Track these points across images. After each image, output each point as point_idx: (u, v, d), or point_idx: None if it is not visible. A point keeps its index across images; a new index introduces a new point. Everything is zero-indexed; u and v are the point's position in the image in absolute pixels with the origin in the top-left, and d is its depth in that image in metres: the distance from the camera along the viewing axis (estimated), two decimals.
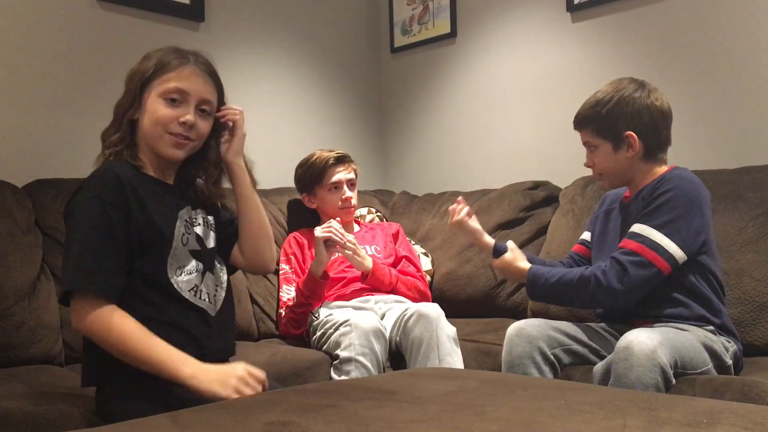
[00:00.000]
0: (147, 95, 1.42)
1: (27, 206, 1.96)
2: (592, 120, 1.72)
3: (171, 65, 1.42)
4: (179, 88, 1.41)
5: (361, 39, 3.33)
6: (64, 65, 2.30)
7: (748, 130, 2.24)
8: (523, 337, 1.65)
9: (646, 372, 1.38)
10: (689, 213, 1.60)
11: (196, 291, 1.41)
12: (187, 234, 1.43)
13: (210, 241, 1.51)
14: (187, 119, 1.41)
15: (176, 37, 2.59)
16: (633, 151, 1.69)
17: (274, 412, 0.99)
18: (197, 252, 1.44)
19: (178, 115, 1.41)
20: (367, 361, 1.81)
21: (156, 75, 1.42)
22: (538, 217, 2.51)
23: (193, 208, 1.49)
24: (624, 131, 1.68)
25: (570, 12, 2.67)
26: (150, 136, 1.42)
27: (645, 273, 1.58)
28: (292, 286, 2.21)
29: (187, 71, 1.43)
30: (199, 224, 1.49)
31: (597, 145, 1.73)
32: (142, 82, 1.42)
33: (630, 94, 1.68)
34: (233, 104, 1.57)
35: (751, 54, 2.23)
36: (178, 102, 1.41)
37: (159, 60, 1.43)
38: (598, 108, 1.70)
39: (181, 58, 1.44)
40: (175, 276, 1.38)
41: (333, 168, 2.33)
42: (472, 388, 1.13)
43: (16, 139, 2.19)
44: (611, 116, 1.69)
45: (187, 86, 1.42)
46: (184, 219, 1.44)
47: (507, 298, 2.41)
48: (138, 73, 1.43)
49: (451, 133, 3.11)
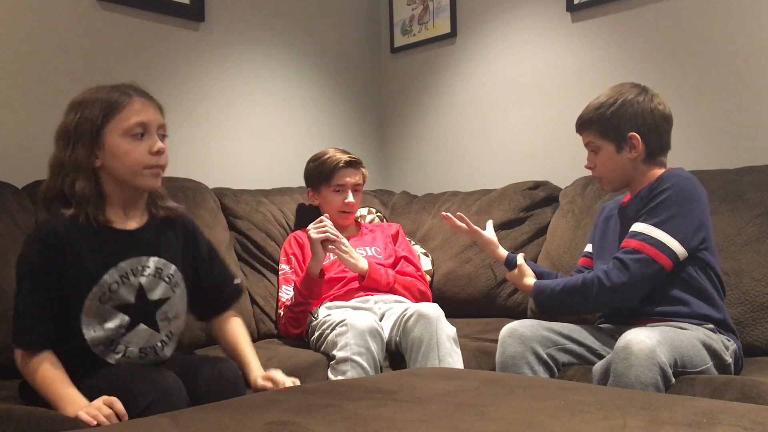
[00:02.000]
0: (104, 140, 1.42)
1: (27, 207, 1.95)
2: (596, 121, 1.74)
3: (120, 103, 1.43)
4: (140, 122, 1.43)
5: (361, 39, 3.33)
6: (65, 65, 2.29)
7: (748, 130, 2.24)
8: (515, 338, 1.65)
9: (645, 371, 1.38)
10: (688, 209, 1.62)
11: (112, 345, 1.43)
12: (119, 284, 1.43)
13: (156, 293, 1.48)
14: (160, 147, 1.44)
15: (176, 37, 2.59)
16: (636, 153, 1.71)
17: (274, 411, 0.99)
18: (126, 306, 1.44)
19: (149, 147, 1.43)
20: (363, 361, 1.81)
21: (108, 117, 1.42)
22: (538, 217, 2.51)
23: (148, 256, 1.48)
24: (627, 132, 1.70)
25: (570, 12, 2.67)
26: (127, 175, 1.44)
27: (647, 270, 1.59)
28: (292, 286, 2.21)
29: (137, 104, 1.44)
30: (148, 274, 1.47)
31: (600, 147, 1.75)
32: (95, 129, 1.42)
33: (633, 98, 1.72)
34: (233, 103, 1.58)
35: (752, 54, 2.23)
36: (142, 135, 1.43)
37: (103, 102, 1.43)
38: (602, 110, 1.73)
39: (123, 94, 1.45)
40: (90, 329, 1.41)
41: (343, 170, 2.33)
42: (472, 388, 1.13)
43: (16, 140, 2.19)
44: (615, 118, 1.71)
45: (146, 117, 1.44)
46: (123, 270, 1.44)
47: (507, 298, 2.41)
48: (86, 122, 1.42)
49: (451, 133, 3.11)
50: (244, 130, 2.82)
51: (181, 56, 2.61)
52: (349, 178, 2.34)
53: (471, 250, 2.51)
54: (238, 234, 2.42)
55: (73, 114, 1.44)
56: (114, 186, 1.46)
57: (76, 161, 1.42)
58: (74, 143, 1.42)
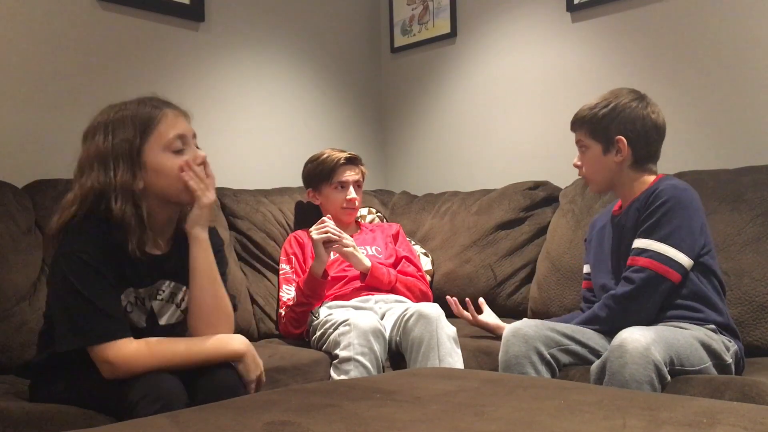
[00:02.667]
0: (145, 159, 1.37)
1: (27, 207, 1.95)
2: (588, 121, 1.77)
3: (153, 118, 1.38)
4: (179, 135, 1.39)
5: (361, 39, 3.33)
6: (64, 65, 2.30)
7: (748, 130, 2.24)
8: (519, 337, 1.65)
9: (639, 369, 1.39)
10: (689, 218, 1.63)
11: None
12: (134, 308, 1.40)
13: (166, 317, 1.46)
14: (202, 155, 1.41)
15: (176, 37, 2.59)
16: (621, 157, 1.73)
17: (274, 411, 0.99)
18: (135, 329, 1.38)
19: (192, 159, 1.39)
20: (366, 361, 1.81)
21: (145, 135, 1.37)
22: (538, 217, 2.51)
23: (164, 280, 1.45)
24: (615, 135, 1.73)
25: (570, 12, 2.67)
26: (175, 192, 1.39)
27: (658, 287, 1.61)
28: (292, 286, 2.21)
29: (170, 116, 1.40)
30: (161, 299, 1.45)
31: (588, 146, 1.78)
32: (134, 150, 1.35)
33: (627, 102, 1.74)
34: (233, 104, 1.56)
35: (751, 54, 2.23)
36: (183, 147, 1.39)
37: (135, 120, 1.37)
38: (594, 110, 1.76)
39: (153, 107, 1.40)
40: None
41: (343, 168, 2.35)
42: (472, 388, 1.13)
43: (16, 139, 2.19)
44: (606, 120, 1.74)
45: (182, 129, 1.40)
46: (141, 295, 1.41)
47: (507, 298, 2.41)
48: (122, 144, 1.35)
49: (451, 133, 3.11)
50: (244, 130, 2.82)
51: (181, 56, 2.61)
52: (350, 175, 2.36)
53: (471, 250, 2.51)
54: (238, 234, 2.42)
55: (103, 136, 1.37)
56: (156, 207, 1.40)
57: (119, 185, 1.34)
58: (114, 167, 1.35)
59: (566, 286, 2.20)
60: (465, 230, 2.57)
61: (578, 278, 2.05)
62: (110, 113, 1.40)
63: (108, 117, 1.39)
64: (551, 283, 2.25)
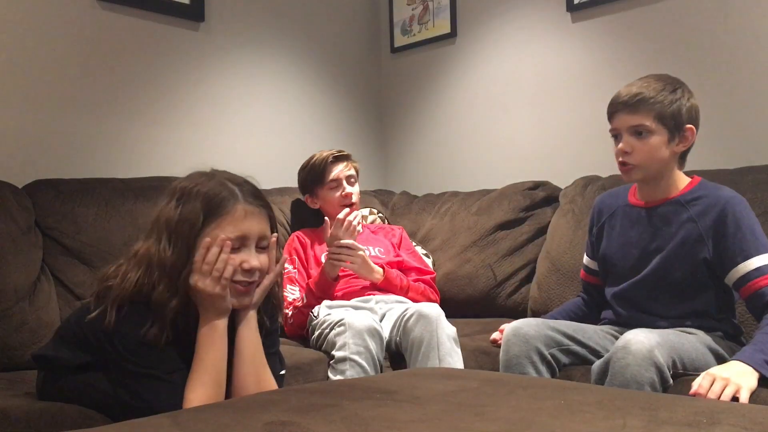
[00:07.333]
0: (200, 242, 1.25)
1: (27, 207, 1.95)
2: (659, 102, 1.58)
3: (223, 207, 1.25)
4: (239, 236, 1.26)
5: (361, 39, 3.33)
6: (64, 65, 2.30)
7: (749, 130, 2.24)
8: (519, 337, 1.65)
9: (641, 370, 1.38)
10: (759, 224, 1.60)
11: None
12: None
13: None
14: (253, 266, 1.27)
15: (176, 37, 2.59)
16: (683, 147, 1.63)
17: (274, 411, 0.99)
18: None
19: (241, 261, 1.27)
20: (362, 360, 1.81)
21: (208, 219, 1.25)
22: (538, 217, 2.51)
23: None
24: (686, 123, 1.61)
25: (570, 12, 2.67)
26: (209, 291, 1.24)
27: None
28: (297, 285, 2.21)
29: (240, 211, 1.26)
30: None
31: (652, 132, 1.59)
32: (194, 232, 1.24)
33: (688, 90, 1.63)
34: (233, 103, 1.53)
35: (752, 54, 2.23)
36: (238, 248, 1.27)
37: (205, 199, 1.25)
38: (665, 93, 1.59)
39: (230, 194, 1.27)
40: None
41: (332, 165, 2.35)
42: (472, 388, 1.13)
43: (16, 139, 2.19)
44: (677, 105, 1.59)
45: (247, 230, 1.27)
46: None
47: (507, 298, 2.41)
48: (185, 222, 1.24)
49: (451, 133, 3.11)
50: (244, 130, 2.82)
51: (181, 56, 2.61)
52: (341, 171, 2.35)
53: (471, 250, 2.51)
54: None
55: (174, 203, 1.27)
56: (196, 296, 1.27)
57: (169, 264, 1.24)
58: (170, 241, 1.25)
59: (566, 286, 2.20)
60: (465, 230, 2.57)
61: (578, 278, 2.04)
62: (192, 180, 1.30)
63: (188, 182, 1.30)
64: (551, 283, 2.25)
